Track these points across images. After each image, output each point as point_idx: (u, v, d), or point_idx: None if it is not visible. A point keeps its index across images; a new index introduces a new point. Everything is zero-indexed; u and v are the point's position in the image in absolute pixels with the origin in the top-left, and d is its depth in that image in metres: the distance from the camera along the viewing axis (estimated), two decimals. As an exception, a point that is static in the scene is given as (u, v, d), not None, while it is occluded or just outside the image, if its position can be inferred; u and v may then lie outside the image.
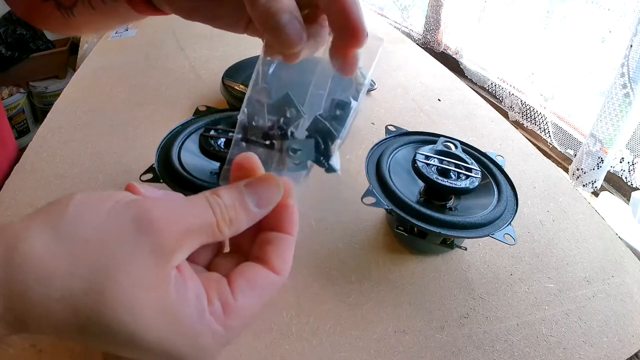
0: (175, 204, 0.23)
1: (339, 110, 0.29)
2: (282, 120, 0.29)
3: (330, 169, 0.29)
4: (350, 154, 0.63)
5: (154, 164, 0.46)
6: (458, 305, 0.44)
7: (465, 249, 0.49)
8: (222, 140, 0.46)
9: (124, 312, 0.19)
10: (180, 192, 0.36)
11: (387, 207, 0.43)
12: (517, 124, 1.23)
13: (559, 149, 1.12)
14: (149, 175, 0.45)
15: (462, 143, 0.52)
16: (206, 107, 0.55)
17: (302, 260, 0.47)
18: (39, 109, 1.96)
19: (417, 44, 1.10)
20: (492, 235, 0.42)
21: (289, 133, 0.29)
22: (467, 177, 0.46)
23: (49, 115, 0.68)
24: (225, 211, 0.23)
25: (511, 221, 0.44)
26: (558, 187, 0.61)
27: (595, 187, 0.97)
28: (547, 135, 1.14)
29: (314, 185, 0.56)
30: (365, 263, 0.47)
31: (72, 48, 1.97)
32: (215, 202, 0.23)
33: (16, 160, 0.58)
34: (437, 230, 0.42)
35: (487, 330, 0.42)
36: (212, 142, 0.45)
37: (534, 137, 1.18)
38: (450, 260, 0.48)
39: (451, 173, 0.46)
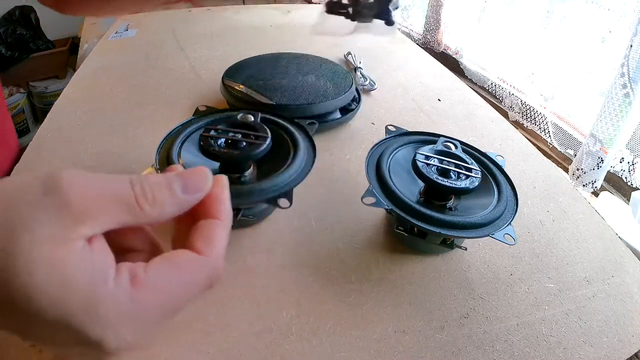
0: (91, 174, 0.23)
1: None
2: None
3: (389, 22, 0.51)
4: (350, 154, 0.63)
5: (154, 164, 0.46)
6: (458, 305, 0.44)
7: (465, 249, 0.49)
8: (222, 140, 0.46)
9: (22, 271, 0.19)
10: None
11: (387, 207, 0.43)
12: (517, 124, 1.22)
13: (559, 149, 1.12)
14: (149, 175, 0.45)
15: (462, 143, 0.52)
16: (206, 107, 0.55)
17: (302, 260, 0.47)
18: (39, 109, 1.96)
19: (417, 44, 1.10)
20: (492, 235, 0.42)
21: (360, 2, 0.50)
22: (467, 177, 0.46)
23: (49, 115, 0.68)
24: (148, 189, 0.23)
25: (511, 221, 0.44)
26: (558, 187, 0.61)
27: (595, 187, 0.97)
28: (547, 135, 1.14)
29: (313, 185, 0.56)
30: (365, 263, 0.47)
31: (72, 48, 1.97)
32: (137, 179, 0.23)
33: (17, 160, 0.58)
34: (437, 230, 0.42)
35: (487, 330, 0.42)
36: (212, 142, 0.45)
37: (534, 137, 1.18)
38: (450, 260, 0.48)
39: (451, 173, 0.46)
